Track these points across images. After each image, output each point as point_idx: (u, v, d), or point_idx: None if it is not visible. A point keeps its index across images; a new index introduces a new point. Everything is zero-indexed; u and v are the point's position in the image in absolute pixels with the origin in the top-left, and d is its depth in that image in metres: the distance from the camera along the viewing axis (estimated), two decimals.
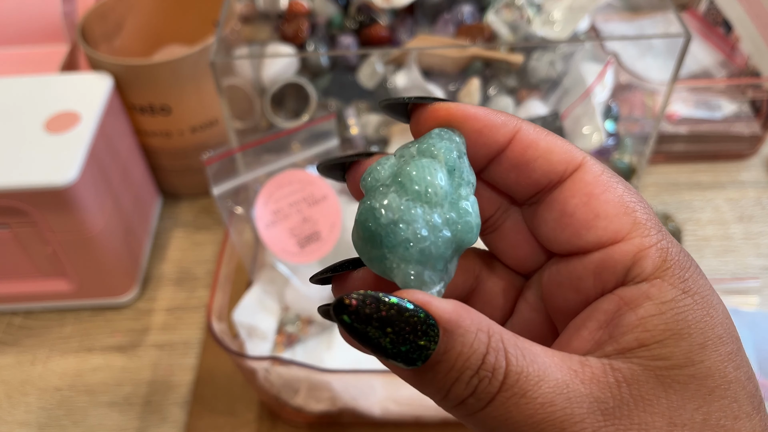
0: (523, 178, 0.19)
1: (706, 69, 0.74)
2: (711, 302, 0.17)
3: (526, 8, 0.65)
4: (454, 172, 0.19)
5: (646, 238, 0.18)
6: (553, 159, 0.19)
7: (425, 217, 0.18)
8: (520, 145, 0.19)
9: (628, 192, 0.19)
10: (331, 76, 0.67)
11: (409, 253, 0.18)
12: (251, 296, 0.54)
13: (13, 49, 0.71)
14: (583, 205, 0.19)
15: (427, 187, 0.18)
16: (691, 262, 0.18)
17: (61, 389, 0.55)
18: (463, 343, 0.16)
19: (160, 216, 0.69)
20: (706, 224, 0.65)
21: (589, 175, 0.19)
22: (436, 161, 0.18)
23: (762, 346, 0.53)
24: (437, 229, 0.18)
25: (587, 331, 0.18)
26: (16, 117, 0.56)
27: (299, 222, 0.52)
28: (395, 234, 0.18)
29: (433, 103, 0.20)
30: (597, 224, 0.18)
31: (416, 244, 0.18)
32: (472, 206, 0.18)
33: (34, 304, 0.60)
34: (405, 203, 0.18)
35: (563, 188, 0.19)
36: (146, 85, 0.59)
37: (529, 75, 0.64)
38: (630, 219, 0.18)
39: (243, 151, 0.53)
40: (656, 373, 0.17)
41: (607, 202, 0.18)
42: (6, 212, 0.52)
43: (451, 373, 0.16)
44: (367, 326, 0.16)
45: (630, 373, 0.17)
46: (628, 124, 0.65)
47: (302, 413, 0.50)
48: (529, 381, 0.16)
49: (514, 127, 0.19)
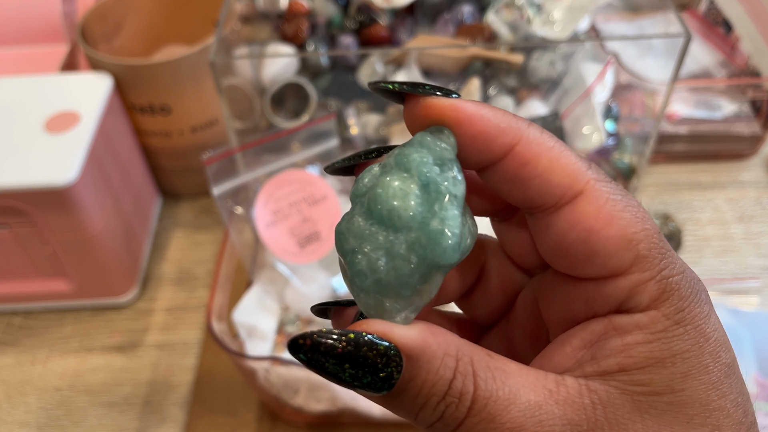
0: (517, 193, 0.18)
1: (707, 69, 0.74)
2: (704, 331, 0.17)
3: (526, 8, 0.65)
4: (428, 187, 0.17)
5: (646, 272, 0.17)
6: (552, 181, 0.17)
7: (386, 245, 0.17)
8: (517, 161, 0.17)
9: (634, 221, 0.17)
10: (331, 76, 0.67)
11: (366, 284, 0.17)
12: (251, 296, 0.54)
13: (13, 49, 0.71)
14: (582, 242, 0.17)
15: (391, 211, 0.17)
16: (692, 290, 0.17)
17: (60, 389, 0.55)
18: (428, 370, 0.16)
19: (160, 216, 0.69)
20: (707, 224, 0.65)
21: (591, 206, 0.17)
22: (408, 177, 0.17)
23: (762, 346, 0.53)
24: (400, 256, 0.17)
25: (571, 348, 0.18)
26: (16, 117, 0.56)
27: (299, 222, 0.52)
28: (353, 264, 0.17)
29: (425, 97, 0.18)
30: (596, 261, 0.17)
31: (371, 276, 0.17)
32: (448, 222, 0.17)
33: (34, 304, 0.60)
34: (367, 229, 0.17)
35: (561, 217, 0.17)
36: (146, 85, 0.59)
37: (529, 75, 0.64)
38: (631, 255, 0.17)
39: (243, 151, 0.53)
40: (633, 397, 0.17)
41: (608, 239, 0.17)
42: (6, 212, 0.52)
43: (418, 399, 0.16)
44: (325, 363, 0.16)
45: (606, 395, 0.17)
46: (628, 124, 0.65)
47: (302, 413, 0.49)
48: (498, 405, 0.16)
49: (514, 138, 0.17)
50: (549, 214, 0.18)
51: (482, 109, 0.18)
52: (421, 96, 0.18)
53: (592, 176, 0.17)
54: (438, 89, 0.18)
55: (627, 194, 0.18)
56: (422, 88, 0.18)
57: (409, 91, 0.18)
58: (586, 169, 0.17)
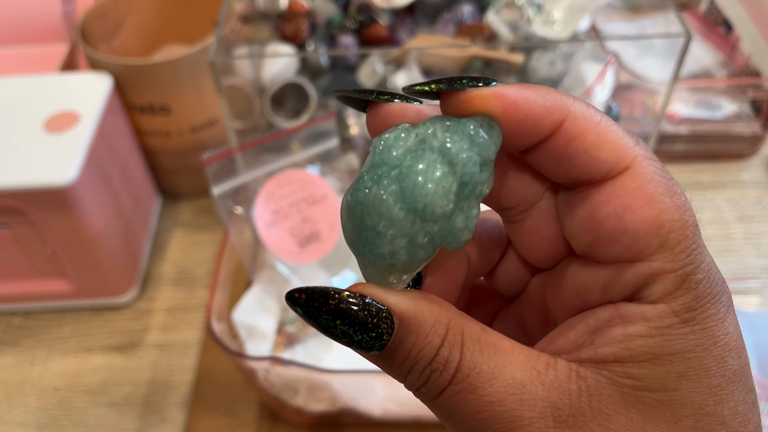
0: (563, 171, 0.18)
1: (707, 69, 0.74)
2: (713, 333, 0.17)
3: (526, 8, 0.65)
4: (465, 187, 0.17)
5: (669, 263, 0.16)
6: (600, 157, 0.17)
7: (410, 234, 0.17)
8: (564, 137, 0.17)
9: (672, 207, 0.17)
10: (331, 75, 0.67)
11: (380, 263, 0.17)
12: (251, 296, 0.54)
13: (12, 48, 0.71)
14: (615, 217, 0.17)
15: (427, 205, 0.16)
16: (711, 292, 0.17)
17: (60, 389, 0.55)
18: (418, 335, 0.17)
19: (160, 216, 0.69)
20: (707, 224, 0.65)
21: (634, 182, 0.17)
22: (451, 173, 0.16)
23: (762, 346, 0.53)
24: (419, 245, 0.17)
25: (574, 333, 0.18)
26: (16, 117, 0.56)
27: (299, 222, 0.52)
28: (374, 245, 0.17)
29: (466, 90, 0.17)
30: (622, 240, 0.17)
31: (389, 260, 0.17)
32: (472, 221, 0.17)
33: (34, 304, 0.60)
34: (396, 213, 0.16)
35: (602, 190, 0.17)
36: (146, 85, 0.59)
37: (529, 75, 0.64)
38: (659, 241, 0.16)
39: (243, 151, 0.53)
40: (622, 390, 0.16)
41: (642, 219, 0.16)
42: (5, 212, 0.52)
43: (406, 362, 0.17)
44: (318, 318, 0.17)
45: (595, 383, 0.16)
46: (628, 124, 0.65)
47: (302, 413, 0.49)
48: (481, 377, 0.16)
49: (561, 114, 0.17)
50: (590, 189, 0.17)
51: (525, 91, 0.17)
52: (460, 91, 0.17)
53: (640, 152, 0.17)
54: (476, 80, 0.17)
55: (672, 178, 0.17)
56: (459, 83, 0.17)
57: (448, 89, 0.17)
58: (633, 145, 0.17)
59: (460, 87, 0.17)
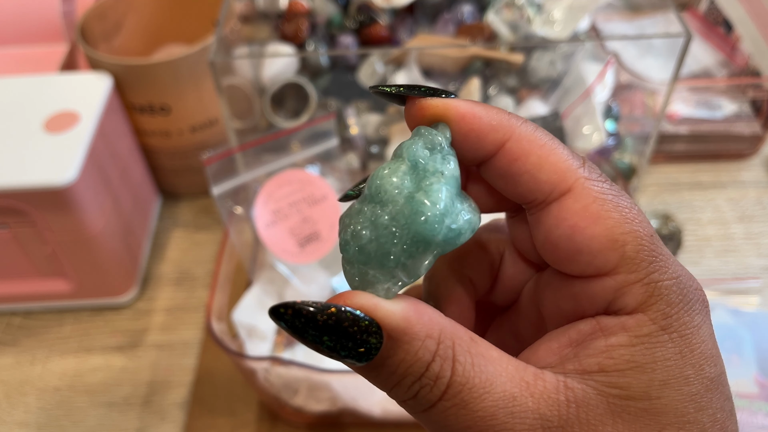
0: (509, 189, 0.18)
1: (707, 69, 0.74)
2: (690, 342, 0.17)
3: (526, 8, 0.65)
4: (417, 166, 0.18)
5: (632, 274, 0.17)
6: (541, 178, 0.18)
7: (371, 218, 0.17)
8: (507, 157, 0.18)
9: (622, 221, 0.17)
10: (331, 75, 0.67)
11: (350, 254, 0.18)
12: (251, 296, 0.54)
13: (12, 48, 0.71)
14: (566, 238, 0.17)
15: (378, 187, 0.17)
16: (684, 298, 0.17)
17: (60, 389, 0.55)
18: (407, 351, 0.16)
19: (160, 216, 0.69)
20: (707, 224, 0.65)
21: (578, 203, 0.17)
22: (400, 160, 0.18)
23: (762, 346, 0.53)
24: (382, 226, 0.17)
25: (557, 345, 0.18)
26: (16, 117, 0.56)
27: (299, 222, 0.52)
28: (341, 239, 0.18)
29: (420, 98, 0.18)
30: (580, 259, 0.17)
31: (354, 243, 0.17)
32: (432, 195, 0.17)
33: (34, 304, 0.60)
34: (359, 209, 0.18)
35: (549, 213, 0.18)
36: (146, 85, 0.59)
37: (529, 75, 0.64)
38: (617, 255, 0.17)
39: (243, 150, 0.53)
40: (609, 399, 0.17)
41: (593, 237, 0.17)
42: (5, 212, 0.52)
43: (394, 376, 0.17)
44: (305, 333, 0.16)
45: (582, 394, 0.17)
46: (628, 124, 0.65)
47: (302, 413, 0.49)
48: (473, 393, 0.16)
49: (505, 134, 0.18)
50: (539, 210, 0.18)
51: (475, 107, 0.18)
52: (417, 98, 0.18)
53: (583, 174, 0.18)
54: (433, 90, 0.18)
55: (621, 194, 0.18)
56: (418, 90, 0.18)
57: (406, 93, 0.18)
58: (577, 167, 0.18)
59: (417, 93, 0.18)
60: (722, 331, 0.54)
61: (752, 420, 0.49)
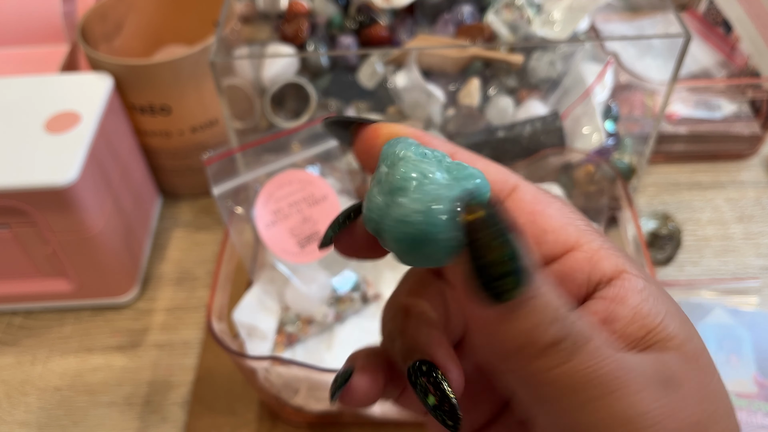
0: None
1: (706, 69, 0.74)
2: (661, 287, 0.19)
3: (526, 8, 0.65)
4: (425, 156, 0.18)
5: (594, 242, 0.19)
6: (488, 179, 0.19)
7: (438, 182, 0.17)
8: None
9: (563, 206, 0.19)
10: (331, 76, 0.67)
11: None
12: (251, 296, 0.54)
13: (13, 49, 0.72)
14: (530, 224, 0.19)
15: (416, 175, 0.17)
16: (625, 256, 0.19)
17: (61, 389, 0.55)
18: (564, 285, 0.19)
19: (160, 216, 0.69)
20: (706, 224, 0.65)
21: (528, 194, 0.19)
22: (407, 161, 0.17)
23: (761, 346, 0.53)
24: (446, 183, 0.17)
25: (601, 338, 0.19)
26: (17, 117, 0.56)
27: (299, 222, 0.52)
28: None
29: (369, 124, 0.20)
30: (547, 239, 0.19)
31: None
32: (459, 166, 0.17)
33: (34, 304, 0.60)
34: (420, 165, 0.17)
35: (507, 208, 0.19)
36: (146, 85, 0.59)
37: (529, 75, 0.65)
38: (574, 228, 0.19)
39: (243, 151, 0.53)
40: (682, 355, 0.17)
41: (551, 216, 0.19)
42: (6, 212, 0.52)
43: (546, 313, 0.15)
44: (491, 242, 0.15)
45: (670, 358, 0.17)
46: (628, 124, 0.65)
47: (302, 413, 0.50)
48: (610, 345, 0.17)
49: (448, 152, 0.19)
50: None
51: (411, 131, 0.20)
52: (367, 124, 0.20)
53: (518, 182, 0.20)
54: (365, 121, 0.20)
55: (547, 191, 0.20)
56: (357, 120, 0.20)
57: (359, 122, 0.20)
58: (511, 173, 0.20)
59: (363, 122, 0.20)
60: (721, 331, 0.54)
61: (751, 420, 0.49)
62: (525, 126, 0.60)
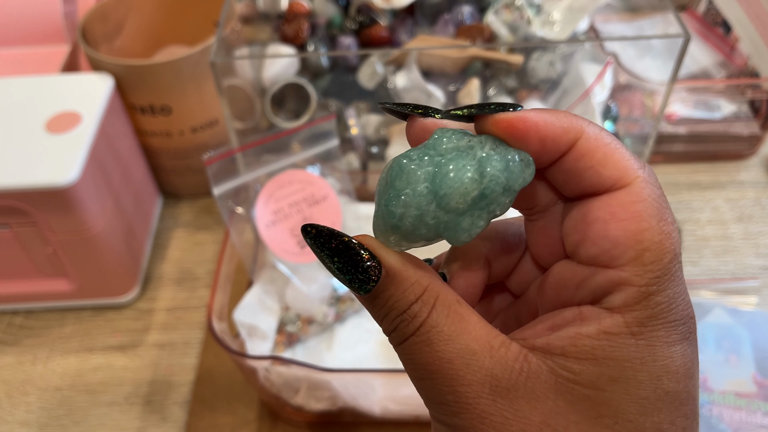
0: (572, 184, 0.20)
1: (706, 69, 0.74)
2: (655, 353, 0.18)
3: (525, 9, 0.65)
4: (484, 199, 0.19)
5: (636, 277, 0.18)
6: (605, 173, 0.19)
7: (423, 209, 0.19)
8: (575, 154, 0.19)
9: (656, 231, 0.18)
10: (331, 76, 0.67)
11: (388, 219, 0.20)
12: (252, 296, 0.54)
13: (14, 49, 0.72)
14: (602, 222, 0.19)
15: (446, 194, 0.19)
16: (670, 318, 0.18)
17: (61, 389, 0.55)
18: (397, 288, 0.20)
19: (161, 216, 0.69)
20: (706, 224, 0.65)
21: (628, 197, 0.18)
22: (479, 180, 0.19)
23: (761, 346, 0.53)
24: (425, 224, 0.19)
25: (541, 327, 0.20)
26: (17, 117, 0.56)
27: (299, 222, 0.53)
28: (391, 203, 0.19)
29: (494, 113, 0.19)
30: (602, 244, 0.18)
31: (395, 221, 0.19)
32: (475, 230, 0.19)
33: (35, 304, 0.60)
34: (421, 188, 0.19)
35: (601, 198, 0.19)
36: (147, 86, 0.59)
37: (528, 75, 0.65)
38: (633, 253, 0.18)
39: (243, 151, 0.53)
40: (558, 379, 0.18)
41: (624, 230, 0.18)
42: (7, 212, 0.52)
43: (384, 308, 0.20)
44: (322, 251, 0.20)
45: (536, 368, 0.18)
46: (627, 125, 0.65)
47: (302, 412, 0.50)
48: (439, 336, 0.19)
49: (576, 134, 0.19)
50: (592, 198, 0.19)
51: (545, 115, 0.19)
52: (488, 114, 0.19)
53: (643, 175, 0.19)
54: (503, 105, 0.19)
55: (667, 207, 0.19)
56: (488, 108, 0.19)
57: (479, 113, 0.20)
58: (638, 168, 0.19)
59: (489, 111, 0.19)
60: (721, 331, 0.55)
61: (751, 419, 0.49)
62: None
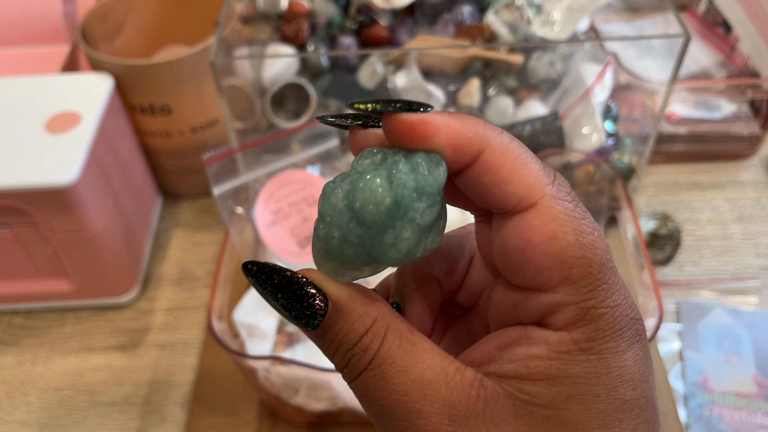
0: (479, 198, 0.19)
1: (706, 69, 0.74)
2: (608, 364, 0.18)
3: (525, 9, 0.65)
4: (399, 207, 0.18)
5: (570, 296, 0.18)
6: (509, 190, 0.18)
7: (345, 229, 0.19)
8: (480, 167, 0.18)
9: (576, 245, 0.18)
10: (331, 76, 0.67)
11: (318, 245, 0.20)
12: (251, 296, 0.54)
13: (13, 49, 0.72)
14: (518, 250, 0.18)
15: (361, 208, 0.18)
16: (615, 326, 0.18)
17: (61, 389, 0.55)
18: (346, 321, 0.19)
19: (161, 216, 0.69)
20: (706, 224, 0.65)
21: (538, 220, 0.18)
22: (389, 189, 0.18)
23: (761, 346, 0.53)
24: (351, 243, 0.19)
25: (488, 347, 0.20)
26: (17, 117, 0.56)
27: (299, 222, 0.53)
28: (317, 227, 0.20)
29: (398, 113, 0.18)
30: (526, 271, 0.18)
31: (323, 245, 0.19)
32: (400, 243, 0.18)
33: (35, 304, 0.60)
34: (340, 207, 0.19)
35: (511, 222, 0.18)
36: (146, 86, 0.59)
37: (528, 75, 0.65)
38: (561, 275, 0.18)
39: (243, 151, 0.53)
40: (515, 402, 0.18)
41: (544, 253, 0.18)
42: (6, 212, 0.52)
43: (333, 343, 0.19)
44: (265, 288, 0.19)
45: (493, 393, 0.18)
46: (627, 125, 0.65)
47: (302, 412, 0.50)
48: (392, 368, 0.18)
49: (480, 146, 0.18)
50: (503, 219, 0.19)
51: (450, 120, 0.18)
52: (393, 113, 0.18)
53: (550, 192, 0.18)
54: (409, 104, 0.18)
55: (584, 216, 0.18)
56: (393, 105, 0.18)
57: (382, 109, 0.19)
58: (545, 184, 0.18)
59: (393, 109, 0.18)
60: (721, 331, 0.55)
61: (751, 419, 0.49)
62: (525, 126, 0.60)
